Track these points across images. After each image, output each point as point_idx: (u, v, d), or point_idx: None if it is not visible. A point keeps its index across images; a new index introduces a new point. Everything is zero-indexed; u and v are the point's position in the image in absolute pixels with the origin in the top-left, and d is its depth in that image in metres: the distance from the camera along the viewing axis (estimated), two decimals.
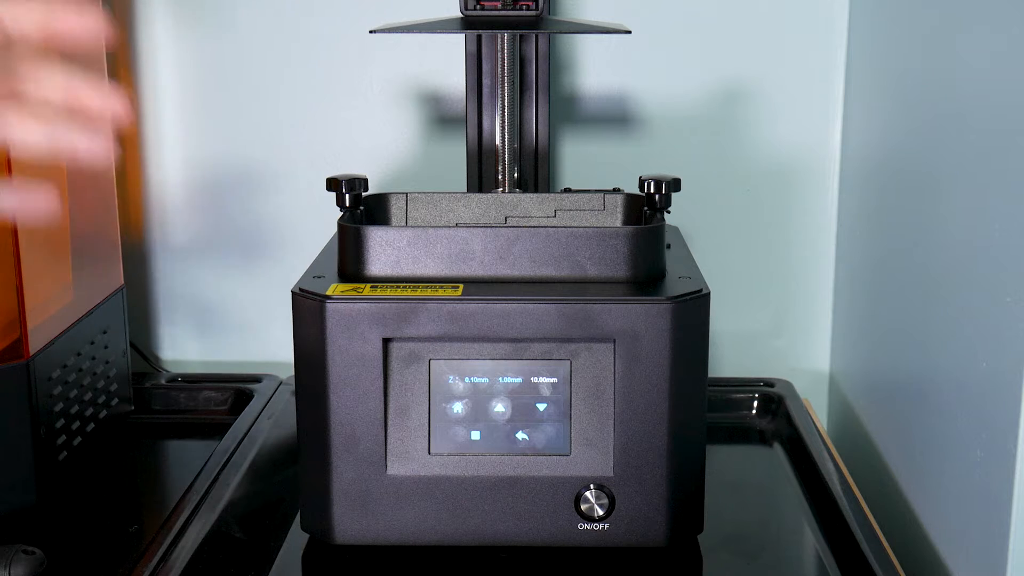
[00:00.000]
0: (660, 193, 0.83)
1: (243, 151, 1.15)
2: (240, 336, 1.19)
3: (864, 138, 1.06)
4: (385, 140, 1.14)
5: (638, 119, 1.13)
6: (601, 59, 1.12)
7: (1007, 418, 0.69)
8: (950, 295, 0.81)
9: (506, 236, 0.76)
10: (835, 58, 1.11)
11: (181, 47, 1.13)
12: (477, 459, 0.76)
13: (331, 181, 0.83)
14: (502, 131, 0.95)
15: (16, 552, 0.73)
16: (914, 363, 0.89)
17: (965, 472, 0.76)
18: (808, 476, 0.91)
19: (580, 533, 0.76)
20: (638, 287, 0.76)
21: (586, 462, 0.75)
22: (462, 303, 0.73)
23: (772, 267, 1.16)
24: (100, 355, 0.97)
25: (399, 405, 0.75)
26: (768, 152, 1.13)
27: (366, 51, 1.12)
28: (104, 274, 1.01)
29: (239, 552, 0.79)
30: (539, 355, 0.75)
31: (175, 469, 1.00)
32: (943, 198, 0.83)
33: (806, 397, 1.10)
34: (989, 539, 0.72)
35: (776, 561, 0.80)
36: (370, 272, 0.77)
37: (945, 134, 0.83)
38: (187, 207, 1.17)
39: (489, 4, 0.92)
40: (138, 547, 0.80)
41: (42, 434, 0.85)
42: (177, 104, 1.14)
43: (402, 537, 0.76)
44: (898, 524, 0.91)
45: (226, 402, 1.08)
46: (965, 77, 0.79)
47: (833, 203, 1.14)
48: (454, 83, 1.12)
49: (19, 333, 0.84)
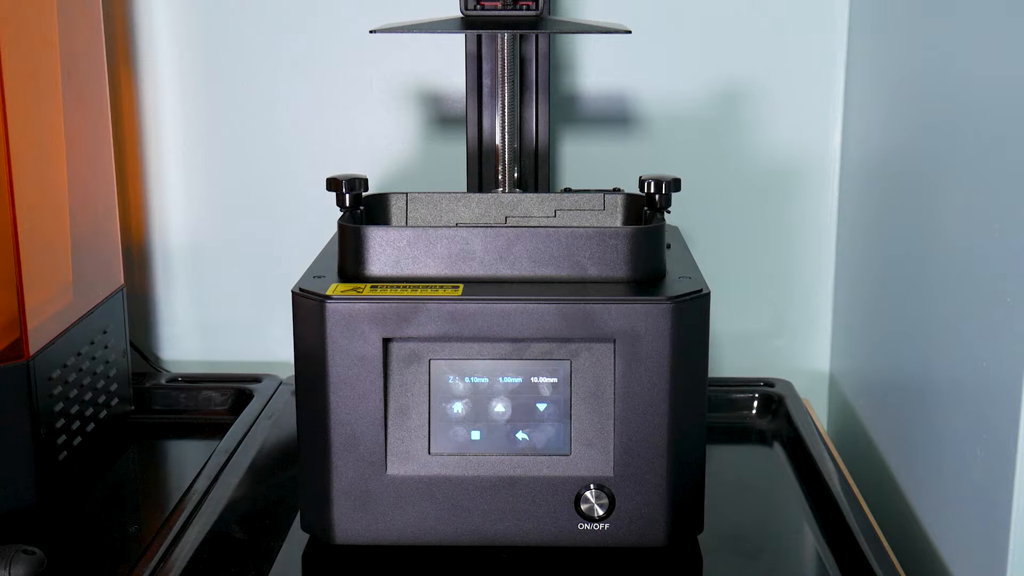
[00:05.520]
0: (660, 193, 0.83)
1: (243, 151, 1.15)
2: (240, 336, 1.19)
3: (864, 138, 1.06)
4: (385, 140, 1.14)
5: (638, 119, 1.13)
6: (601, 59, 1.12)
7: (1007, 418, 0.69)
8: (950, 295, 0.81)
9: (506, 236, 0.76)
10: (835, 58, 1.11)
11: (182, 47, 1.13)
12: (477, 459, 0.76)
13: (331, 181, 0.83)
14: (502, 131, 0.95)
15: (16, 552, 0.73)
16: (914, 363, 0.89)
17: (965, 472, 0.76)
18: (808, 476, 0.91)
19: (580, 533, 0.76)
20: (638, 287, 0.76)
21: (586, 462, 0.75)
22: (462, 303, 0.73)
23: (772, 267, 1.16)
24: (100, 355, 0.97)
25: (399, 405, 0.75)
26: (768, 152, 1.13)
27: (366, 51, 1.12)
28: (104, 274, 1.01)
29: (239, 552, 0.79)
30: (539, 355, 0.75)
31: (175, 469, 1.00)
32: (943, 198, 0.83)
33: (806, 397, 1.10)
34: (989, 539, 0.72)
35: (776, 561, 0.80)
36: (370, 272, 0.77)
37: (945, 134, 0.83)
38: (187, 207, 1.17)
39: (489, 4, 0.92)
40: (138, 547, 0.80)
41: (42, 434, 0.85)
42: (177, 104, 1.14)
43: (402, 537, 0.76)
44: (898, 524, 0.91)
45: (226, 402, 1.08)
46: (965, 77, 0.79)
47: (833, 203, 1.14)
48: (454, 83, 1.12)
49: (19, 333, 0.84)
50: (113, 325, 1.00)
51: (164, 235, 1.17)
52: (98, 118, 1.00)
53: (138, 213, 1.17)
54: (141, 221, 1.17)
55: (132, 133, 1.15)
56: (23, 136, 0.84)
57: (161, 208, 1.17)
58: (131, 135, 1.15)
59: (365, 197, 0.86)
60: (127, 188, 1.16)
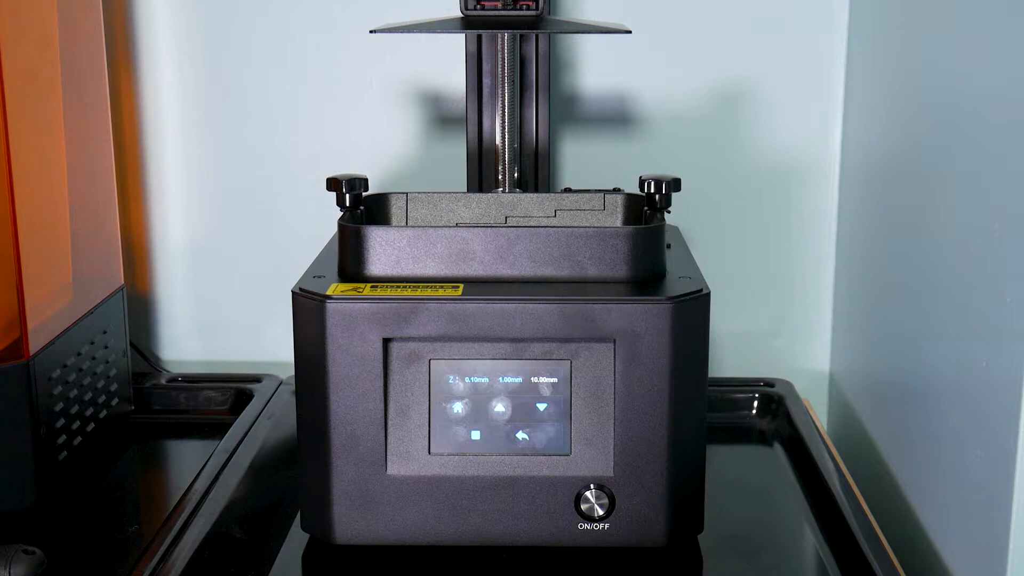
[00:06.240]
0: (660, 193, 0.83)
1: (243, 151, 1.15)
2: (240, 336, 1.19)
3: (864, 138, 1.06)
4: (385, 140, 1.14)
5: (638, 119, 1.13)
6: (601, 59, 1.12)
7: (1007, 418, 0.69)
8: (950, 295, 0.81)
9: (506, 236, 0.76)
10: (835, 58, 1.11)
11: (182, 47, 1.13)
12: (477, 459, 0.76)
13: (331, 181, 0.83)
14: (502, 131, 0.95)
15: (16, 552, 0.73)
16: (914, 363, 0.89)
17: (965, 472, 0.76)
18: (808, 476, 0.91)
19: (580, 533, 0.76)
20: (638, 287, 0.76)
21: (586, 462, 0.75)
22: (462, 303, 0.73)
23: (772, 267, 1.16)
24: (100, 355, 0.97)
25: (399, 405, 0.75)
26: (768, 152, 1.13)
27: (366, 51, 1.12)
28: (104, 274, 1.01)
29: (239, 552, 0.79)
30: (539, 355, 0.75)
31: (175, 469, 1.00)
32: (943, 198, 0.83)
33: (806, 397, 1.10)
34: (989, 539, 0.72)
35: (776, 561, 0.80)
36: (370, 272, 0.77)
37: (945, 134, 0.83)
38: (187, 207, 1.17)
39: (489, 4, 0.92)
40: (138, 547, 0.80)
41: (42, 434, 0.85)
42: (177, 104, 1.14)
43: (402, 537, 0.76)
44: (898, 524, 0.91)
45: (226, 402, 1.08)
46: (965, 77, 0.79)
47: (833, 203, 1.14)
48: (454, 83, 1.12)
49: (19, 333, 0.84)
50: (113, 325, 1.00)
51: (164, 235, 1.17)
52: (98, 118, 1.00)
53: (138, 213, 1.17)
54: (141, 221, 1.17)
55: (132, 133, 1.15)
56: (23, 136, 0.84)
57: (161, 208, 1.17)
58: (131, 135, 1.15)
59: (365, 197, 0.86)
60: (127, 188, 1.16)
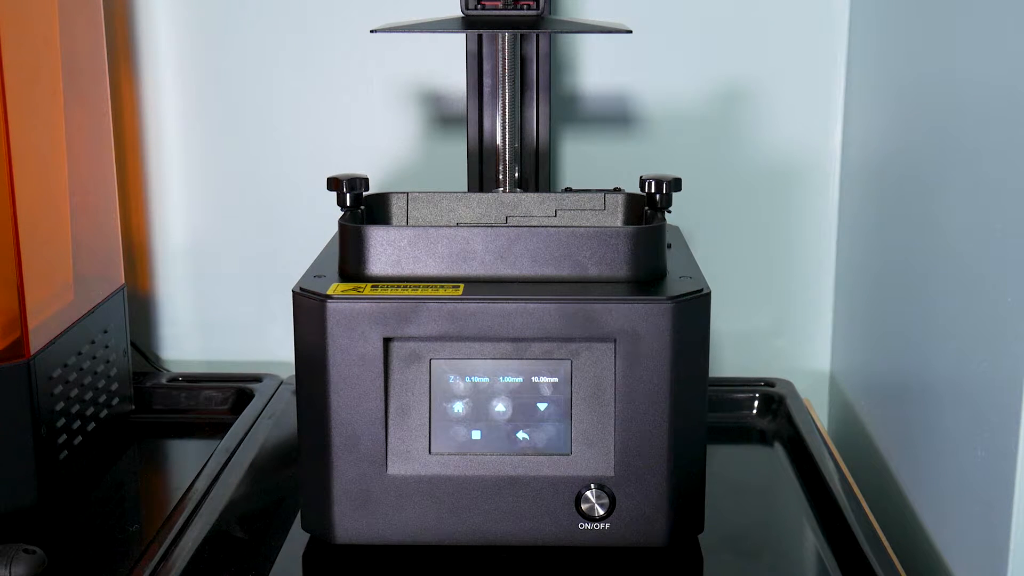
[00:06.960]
0: (661, 193, 0.83)
1: (243, 151, 1.15)
2: (240, 336, 1.19)
3: (864, 138, 1.06)
4: (385, 140, 1.14)
5: (639, 119, 1.13)
6: (602, 59, 1.12)
7: (1007, 417, 0.69)
8: (950, 295, 0.81)
9: (507, 236, 0.76)
10: (835, 58, 1.11)
11: (182, 47, 1.13)
12: (477, 459, 0.76)
13: (331, 181, 0.83)
14: (503, 131, 0.95)
15: (17, 551, 0.73)
16: (914, 363, 0.89)
17: (965, 472, 0.76)
18: (808, 476, 0.91)
19: (580, 533, 0.76)
20: (639, 287, 0.76)
21: (587, 462, 0.75)
22: (463, 303, 0.73)
23: (772, 267, 1.16)
24: (101, 354, 0.97)
25: (400, 405, 0.75)
26: (768, 152, 1.13)
27: (366, 51, 1.12)
28: (104, 274, 1.01)
29: (239, 552, 0.79)
30: (540, 355, 0.75)
31: (175, 469, 1.00)
32: (943, 198, 0.83)
33: (806, 397, 1.10)
34: (989, 539, 0.72)
35: (776, 561, 0.80)
36: (371, 272, 0.77)
37: (945, 134, 0.83)
38: (188, 206, 1.17)
39: (490, 4, 0.92)
40: (139, 546, 0.80)
41: (43, 433, 0.85)
42: (178, 104, 1.14)
43: (402, 537, 0.76)
44: (898, 524, 0.91)
45: (226, 402, 1.08)
46: (965, 77, 0.79)
47: (833, 203, 1.14)
48: (455, 83, 1.12)
49: (20, 332, 0.84)
50: (114, 325, 1.00)
51: (164, 235, 1.17)
52: (98, 118, 1.00)
53: (138, 213, 1.17)
54: (141, 221, 1.17)
55: (132, 133, 1.15)
56: (23, 136, 0.84)
57: (161, 208, 1.17)
58: (131, 135, 1.15)
59: (366, 197, 0.86)
60: (127, 188, 1.16)
